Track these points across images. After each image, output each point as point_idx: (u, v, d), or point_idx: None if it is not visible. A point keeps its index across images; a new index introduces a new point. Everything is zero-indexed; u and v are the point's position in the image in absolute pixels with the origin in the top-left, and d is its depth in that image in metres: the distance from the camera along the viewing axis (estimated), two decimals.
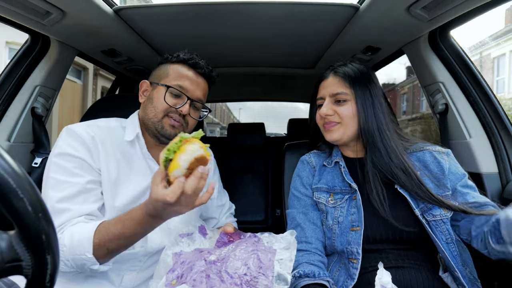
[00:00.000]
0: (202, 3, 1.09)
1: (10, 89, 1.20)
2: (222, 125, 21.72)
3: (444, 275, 0.81)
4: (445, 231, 0.82)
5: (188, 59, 0.91)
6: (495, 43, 10.82)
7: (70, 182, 0.77)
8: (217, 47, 1.54)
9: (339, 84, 0.94)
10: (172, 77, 0.90)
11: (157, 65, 0.97)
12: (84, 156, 0.80)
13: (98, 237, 0.70)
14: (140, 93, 0.95)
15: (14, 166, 0.33)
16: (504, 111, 1.15)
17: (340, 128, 0.92)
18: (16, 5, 0.96)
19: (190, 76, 0.91)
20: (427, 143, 0.95)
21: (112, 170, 0.85)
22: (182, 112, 0.88)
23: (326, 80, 0.97)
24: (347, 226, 0.86)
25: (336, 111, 0.92)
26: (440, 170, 0.87)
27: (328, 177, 0.97)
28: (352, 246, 0.84)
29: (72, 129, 0.83)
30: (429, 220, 0.83)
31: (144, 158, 0.91)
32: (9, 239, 0.33)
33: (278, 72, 2.02)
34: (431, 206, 0.83)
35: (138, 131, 0.90)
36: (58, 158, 0.79)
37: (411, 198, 0.85)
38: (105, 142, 0.86)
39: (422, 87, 1.34)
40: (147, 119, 0.90)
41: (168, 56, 0.94)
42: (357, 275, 0.81)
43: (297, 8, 1.12)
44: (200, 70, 0.92)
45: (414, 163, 0.90)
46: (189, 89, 0.89)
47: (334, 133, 0.93)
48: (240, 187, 2.22)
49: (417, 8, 0.99)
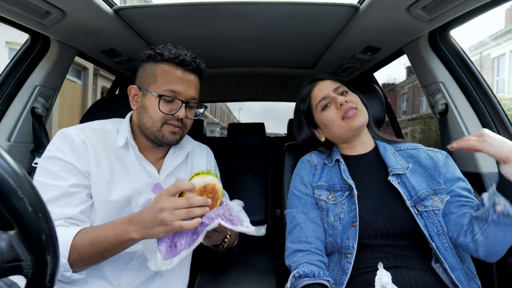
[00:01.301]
0: (202, 3, 1.09)
1: (10, 89, 1.20)
2: (222, 125, 21.73)
3: (436, 265, 0.81)
4: (436, 223, 0.83)
5: (174, 58, 0.85)
6: (495, 43, 10.82)
7: (53, 185, 0.77)
8: (217, 47, 1.54)
9: (333, 83, 1.02)
10: (161, 82, 0.85)
11: (140, 62, 0.92)
12: (71, 160, 0.80)
13: (75, 241, 0.70)
14: (130, 99, 0.90)
15: (14, 166, 0.33)
16: (504, 111, 1.15)
17: (360, 114, 0.95)
18: (16, 5, 0.96)
19: (179, 76, 0.86)
20: (421, 145, 1.00)
21: (105, 172, 0.85)
22: (179, 116, 0.86)
23: (317, 85, 1.03)
24: (349, 223, 0.87)
25: (347, 100, 0.96)
26: (432, 164, 0.90)
27: (328, 176, 0.98)
28: (349, 241, 0.85)
29: (65, 132, 0.84)
30: (421, 211, 0.84)
31: (138, 160, 0.90)
32: (9, 239, 0.33)
33: (278, 72, 2.02)
34: (423, 197, 0.84)
35: (127, 136, 0.88)
36: (45, 161, 0.80)
37: (403, 191, 0.86)
38: (97, 146, 0.85)
39: (422, 87, 1.34)
40: (144, 128, 0.88)
41: (151, 53, 0.87)
42: (350, 269, 0.82)
43: (297, 8, 1.12)
44: (188, 67, 0.87)
45: (406, 158, 0.94)
46: (182, 92, 0.86)
47: (359, 118, 0.94)
48: (240, 187, 2.22)
49: (417, 8, 0.99)
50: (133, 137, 0.92)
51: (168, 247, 0.70)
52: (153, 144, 0.92)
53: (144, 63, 0.91)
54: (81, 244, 0.70)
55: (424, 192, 0.85)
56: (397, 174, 0.90)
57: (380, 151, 0.97)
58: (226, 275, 1.07)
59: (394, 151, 0.97)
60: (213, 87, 2.44)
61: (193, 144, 1.07)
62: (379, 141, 1.01)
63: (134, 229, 0.69)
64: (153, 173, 0.91)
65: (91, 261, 0.73)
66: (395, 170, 0.90)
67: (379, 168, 0.95)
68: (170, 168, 0.95)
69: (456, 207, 0.84)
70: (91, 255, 0.71)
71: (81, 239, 0.71)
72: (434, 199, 0.84)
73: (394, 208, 0.86)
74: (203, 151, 1.09)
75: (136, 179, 0.89)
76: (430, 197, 0.85)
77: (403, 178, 0.89)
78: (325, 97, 0.98)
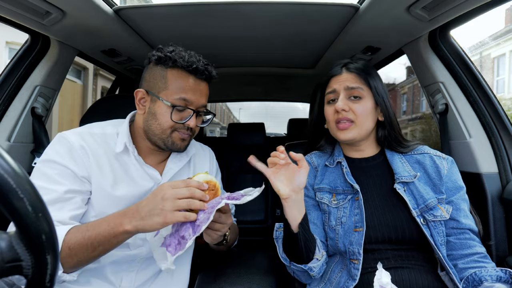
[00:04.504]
0: (202, 3, 1.09)
1: (10, 89, 1.20)
2: (222, 125, 21.71)
3: (442, 273, 0.81)
4: (441, 233, 0.83)
5: (187, 66, 0.83)
6: (495, 43, 10.82)
7: (48, 188, 0.75)
8: (217, 47, 1.54)
9: (355, 79, 0.91)
10: (173, 89, 0.83)
11: (147, 62, 0.89)
12: (69, 165, 0.78)
13: (67, 236, 0.69)
14: (137, 102, 0.88)
15: (14, 166, 0.33)
16: (504, 111, 1.15)
17: (354, 128, 0.90)
18: (16, 5, 0.96)
19: (191, 84, 0.84)
20: (428, 148, 0.95)
21: (108, 175, 0.84)
22: (190, 126, 0.86)
23: (340, 75, 0.94)
24: (351, 227, 0.86)
25: (351, 108, 0.89)
26: (437, 175, 0.88)
27: (330, 178, 0.96)
28: (354, 247, 0.83)
29: (64, 136, 0.82)
30: (429, 220, 0.83)
31: (139, 164, 0.89)
32: (9, 239, 0.33)
33: (278, 72, 2.02)
34: (431, 206, 0.83)
35: (125, 141, 0.86)
36: (42, 164, 0.78)
37: (409, 199, 0.85)
38: (97, 151, 0.84)
39: (422, 87, 1.34)
40: (152, 134, 0.86)
41: (161, 56, 0.83)
42: (358, 275, 0.81)
43: (297, 8, 1.12)
44: (201, 76, 0.85)
45: (413, 165, 0.91)
46: (193, 101, 0.85)
47: (348, 133, 0.90)
48: (240, 187, 2.21)
49: (417, 8, 0.99)
50: (134, 140, 0.90)
51: (177, 245, 0.69)
52: (157, 148, 0.91)
53: (151, 66, 0.87)
54: (72, 238, 0.68)
55: (433, 201, 0.84)
56: (403, 182, 0.88)
57: (387, 155, 0.94)
58: (226, 275, 1.07)
59: (401, 156, 0.94)
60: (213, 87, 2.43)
61: (196, 147, 1.06)
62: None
63: (129, 220, 0.67)
64: (156, 176, 0.90)
65: (82, 258, 0.69)
66: (402, 178, 0.88)
67: (385, 173, 0.93)
68: (173, 171, 0.94)
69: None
70: (83, 250, 0.68)
71: (73, 234, 0.69)
72: (441, 209, 0.83)
73: (398, 216, 0.85)
74: (205, 154, 1.09)
75: (139, 183, 0.88)
76: (438, 207, 0.84)
77: (411, 186, 0.87)
78: (335, 90, 0.93)
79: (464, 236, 0.84)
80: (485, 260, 0.80)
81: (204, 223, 0.67)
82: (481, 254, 0.81)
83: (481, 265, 0.79)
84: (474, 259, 0.80)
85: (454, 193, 0.87)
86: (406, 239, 0.83)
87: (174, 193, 0.66)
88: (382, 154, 0.97)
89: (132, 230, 0.67)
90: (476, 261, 0.80)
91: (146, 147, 0.91)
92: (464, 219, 0.84)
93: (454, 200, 0.86)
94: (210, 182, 0.74)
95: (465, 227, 0.84)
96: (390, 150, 0.95)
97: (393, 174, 0.90)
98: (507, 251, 1.06)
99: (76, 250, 0.68)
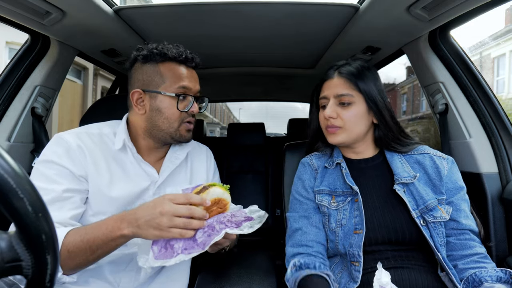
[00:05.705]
0: (202, 3, 1.09)
1: (10, 89, 1.20)
2: (222, 125, 21.70)
3: (442, 274, 0.81)
4: (440, 234, 0.83)
5: (178, 56, 0.86)
6: (495, 43, 10.81)
7: (46, 189, 0.75)
8: (217, 47, 1.54)
9: (344, 85, 0.91)
10: (171, 81, 0.85)
11: (131, 64, 0.90)
12: (67, 164, 0.79)
13: (66, 238, 0.69)
14: (134, 103, 0.87)
15: (14, 166, 0.33)
16: (504, 111, 1.15)
17: (343, 132, 0.91)
18: (16, 5, 0.96)
19: (185, 73, 0.88)
20: (428, 148, 0.95)
21: (104, 174, 0.84)
22: (194, 112, 0.90)
23: (331, 80, 0.94)
24: (351, 229, 0.86)
25: (339, 115, 0.90)
26: (437, 175, 0.88)
27: (329, 179, 0.96)
28: (353, 249, 0.83)
29: (61, 136, 0.83)
30: (428, 222, 0.83)
31: (137, 162, 0.89)
32: (9, 239, 0.33)
33: (278, 72, 2.02)
34: (431, 207, 0.83)
35: (124, 138, 0.87)
36: (40, 165, 0.79)
37: (409, 200, 0.85)
38: (94, 151, 0.85)
39: (422, 87, 1.34)
40: (158, 130, 0.87)
41: (147, 54, 0.85)
42: (359, 278, 0.81)
43: (297, 8, 1.12)
44: (190, 64, 0.90)
45: (413, 165, 0.91)
46: (191, 87, 0.88)
47: (336, 137, 0.92)
48: (240, 187, 2.22)
49: (417, 8, 0.99)
50: (132, 139, 0.91)
51: (162, 248, 0.69)
52: (161, 145, 0.92)
53: (139, 65, 0.88)
54: (71, 241, 0.68)
55: (432, 202, 0.84)
56: (403, 183, 0.88)
57: (387, 156, 0.94)
58: (226, 275, 1.07)
59: (401, 156, 0.94)
60: (213, 87, 2.44)
61: (192, 145, 1.06)
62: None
63: (126, 226, 0.68)
64: (153, 174, 0.91)
65: (81, 260, 0.70)
66: (401, 179, 0.88)
67: (384, 174, 0.93)
68: (170, 169, 0.94)
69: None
70: (81, 253, 0.69)
71: (72, 236, 0.69)
72: (441, 210, 0.84)
73: (398, 217, 0.85)
74: (202, 151, 1.09)
75: (135, 181, 0.88)
76: (438, 208, 0.84)
77: (410, 186, 0.87)
78: (326, 97, 0.94)
79: (464, 237, 0.84)
80: (485, 260, 0.80)
81: (196, 251, 0.67)
82: (481, 254, 0.81)
83: (481, 265, 0.79)
84: (474, 259, 0.80)
85: (455, 193, 0.87)
86: (406, 241, 0.83)
87: (173, 210, 0.66)
88: (381, 155, 0.97)
89: (129, 234, 0.68)
90: (476, 262, 0.80)
91: (145, 146, 0.92)
92: (464, 220, 0.84)
93: (455, 200, 0.86)
94: (222, 201, 0.72)
95: (465, 227, 0.84)
96: (389, 151, 0.95)
97: (392, 175, 0.90)
98: (507, 252, 1.06)
99: (75, 253, 0.68)
